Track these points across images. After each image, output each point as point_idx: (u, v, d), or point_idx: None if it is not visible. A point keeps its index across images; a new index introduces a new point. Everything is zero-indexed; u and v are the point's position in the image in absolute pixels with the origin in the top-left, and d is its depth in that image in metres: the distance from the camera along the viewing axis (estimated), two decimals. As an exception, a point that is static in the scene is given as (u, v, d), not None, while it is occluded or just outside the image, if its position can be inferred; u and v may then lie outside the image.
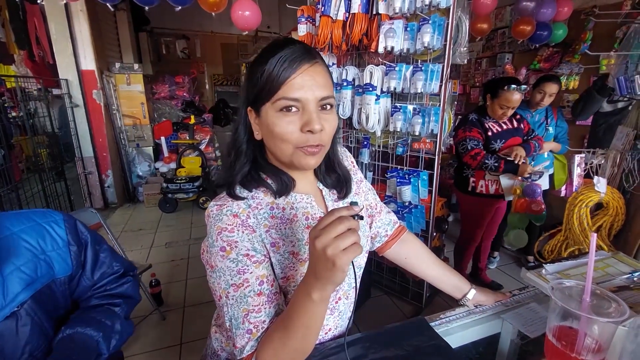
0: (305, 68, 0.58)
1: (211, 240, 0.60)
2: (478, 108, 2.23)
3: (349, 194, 0.76)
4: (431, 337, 0.73)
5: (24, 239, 0.71)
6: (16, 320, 0.65)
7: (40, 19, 3.79)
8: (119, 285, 0.87)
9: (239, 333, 0.59)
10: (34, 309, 0.68)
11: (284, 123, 0.58)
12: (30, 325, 0.67)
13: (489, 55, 4.24)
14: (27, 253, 0.70)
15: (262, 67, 0.59)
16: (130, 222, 3.96)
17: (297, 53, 0.58)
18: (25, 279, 0.68)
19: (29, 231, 0.72)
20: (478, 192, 2.20)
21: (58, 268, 0.74)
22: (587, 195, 1.16)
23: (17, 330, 0.65)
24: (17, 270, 0.67)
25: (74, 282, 0.78)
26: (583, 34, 3.12)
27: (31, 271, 0.69)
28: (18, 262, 0.68)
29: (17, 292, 0.66)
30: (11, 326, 0.65)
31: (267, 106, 0.60)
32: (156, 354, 1.96)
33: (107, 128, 4.22)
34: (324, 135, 0.60)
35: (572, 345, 0.57)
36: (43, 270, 0.71)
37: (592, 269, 0.58)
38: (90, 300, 0.82)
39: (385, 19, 1.84)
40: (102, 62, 4.24)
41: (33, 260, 0.70)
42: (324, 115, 0.60)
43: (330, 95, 0.61)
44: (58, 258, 0.74)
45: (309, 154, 0.61)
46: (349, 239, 0.47)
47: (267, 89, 0.58)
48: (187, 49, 7.13)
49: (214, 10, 2.49)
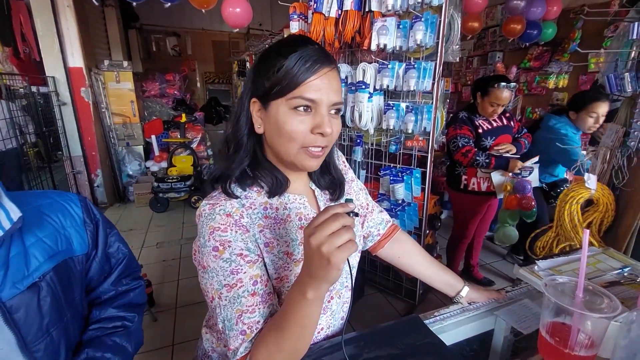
0: (326, 71, 0.58)
1: (203, 240, 0.59)
2: (468, 106, 2.24)
3: (342, 197, 0.76)
4: (425, 334, 0.73)
5: (45, 212, 0.71)
6: (38, 291, 0.65)
7: (26, 14, 3.70)
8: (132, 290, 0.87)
9: (233, 334, 0.57)
10: (55, 282, 0.68)
11: (295, 122, 0.58)
12: (51, 300, 0.67)
13: (480, 53, 4.27)
14: (48, 226, 0.70)
15: (280, 62, 0.57)
16: (121, 222, 3.90)
17: (319, 55, 0.58)
18: (48, 250, 0.68)
19: (49, 206, 0.73)
20: (470, 189, 2.21)
21: (77, 245, 0.74)
22: (577, 192, 1.17)
23: (39, 303, 0.65)
24: (39, 241, 0.67)
25: (88, 263, 0.79)
26: (572, 33, 3.16)
27: (53, 243, 0.69)
28: (41, 234, 0.68)
29: (40, 262, 0.66)
30: (33, 298, 0.64)
31: (280, 102, 0.58)
32: (148, 355, 1.93)
33: (96, 126, 4.15)
34: (331, 138, 0.61)
35: (565, 341, 0.57)
36: (63, 244, 0.71)
37: (585, 265, 0.58)
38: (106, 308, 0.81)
39: (378, 16, 1.84)
40: (91, 60, 4.16)
41: (54, 234, 0.70)
42: (332, 119, 0.60)
43: (341, 102, 0.62)
44: (76, 235, 0.74)
45: (313, 157, 0.60)
46: (344, 236, 0.46)
47: (285, 84, 0.57)
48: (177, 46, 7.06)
49: (204, 7, 2.45)
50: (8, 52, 3.82)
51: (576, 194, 1.17)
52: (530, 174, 1.98)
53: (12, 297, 0.61)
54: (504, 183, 2.05)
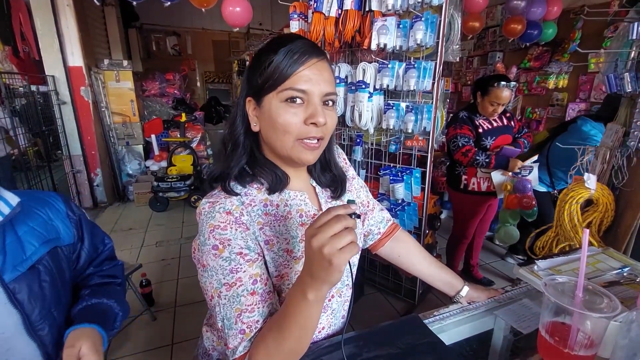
0: (314, 62, 0.59)
1: (203, 238, 0.59)
2: (469, 106, 2.24)
3: (343, 195, 0.76)
4: (425, 334, 0.73)
5: (32, 206, 0.75)
6: (38, 274, 0.70)
7: (26, 13, 3.70)
8: (114, 266, 0.93)
9: (232, 333, 0.57)
10: (51, 265, 0.73)
11: (288, 114, 0.58)
12: (50, 281, 0.71)
13: (480, 53, 4.27)
14: (38, 217, 0.74)
15: (270, 57, 0.58)
16: (120, 221, 3.90)
17: (306, 47, 0.59)
18: (41, 237, 0.72)
19: (35, 201, 0.77)
20: (470, 189, 2.21)
21: (64, 235, 0.78)
22: (577, 192, 1.17)
23: (40, 284, 0.70)
24: (32, 229, 0.72)
25: (75, 254, 0.83)
26: (572, 33, 3.16)
27: (44, 231, 0.74)
28: (32, 223, 0.72)
29: (35, 247, 0.70)
30: (34, 280, 0.69)
31: (272, 96, 0.59)
32: (147, 354, 1.93)
33: (96, 126, 4.15)
34: (325, 129, 0.61)
35: (564, 340, 0.57)
36: (52, 234, 0.76)
37: (584, 264, 0.58)
38: (92, 278, 0.87)
39: (378, 15, 1.83)
40: (90, 59, 4.16)
41: (44, 224, 0.75)
42: (326, 110, 0.61)
43: (334, 92, 0.62)
44: (63, 226, 0.79)
45: (309, 149, 0.60)
46: (345, 238, 0.46)
47: (275, 78, 0.58)
48: (177, 45, 7.05)
49: (204, 6, 2.45)
50: (7, 51, 3.82)
51: (576, 193, 1.17)
52: (530, 173, 1.98)
53: (14, 278, 0.65)
54: (504, 182, 2.05)
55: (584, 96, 3.17)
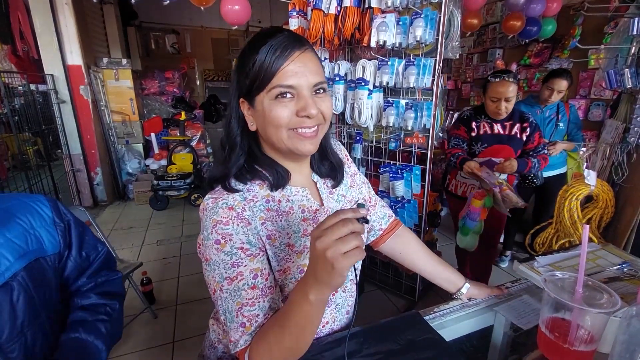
0: (297, 55, 0.58)
1: (206, 233, 0.60)
2: (477, 105, 2.13)
3: (342, 181, 0.77)
4: (425, 330, 0.73)
5: (13, 213, 0.71)
6: (10, 291, 0.65)
7: (24, 12, 3.68)
8: (111, 281, 0.87)
9: (233, 326, 0.59)
10: (27, 281, 0.67)
11: (279, 109, 0.59)
12: (24, 299, 0.66)
13: (480, 50, 4.25)
14: (17, 226, 0.69)
15: (253, 57, 0.58)
16: (121, 220, 3.90)
17: (288, 41, 0.58)
18: (18, 250, 0.67)
19: (17, 207, 0.72)
20: (450, 190, 2.18)
21: (48, 244, 0.74)
22: (577, 188, 1.17)
23: (12, 303, 0.65)
24: (8, 241, 0.67)
25: (62, 262, 0.78)
26: (572, 30, 3.15)
27: (23, 243, 0.69)
28: (9, 234, 0.67)
29: (9, 262, 0.65)
30: (5, 298, 0.64)
31: (262, 96, 0.59)
32: (148, 352, 1.94)
33: (96, 124, 4.14)
34: (321, 117, 0.61)
35: (564, 336, 0.57)
36: (34, 244, 0.71)
37: (584, 260, 0.58)
38: (88, 296, 0.82)
39: (378, 12, 1.83)
40: (89, 57, 4.14)
41: (24, 234, 0.70)
42: (317, 99, 0.61)
43: (323, 81, 0.61)
44: (47, 234, 0.74)
45: (305, 138, 0.61)
46: (350, 243, 0.45)
47: (261, 78, 0.58)
48: (176, 43, 7.01)
49: (203, 4, 2.45)
50: (6, 50, 3.80)
51: (576, 190, 1.17)
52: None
53: None
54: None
55: (584, 93, 3.17)
